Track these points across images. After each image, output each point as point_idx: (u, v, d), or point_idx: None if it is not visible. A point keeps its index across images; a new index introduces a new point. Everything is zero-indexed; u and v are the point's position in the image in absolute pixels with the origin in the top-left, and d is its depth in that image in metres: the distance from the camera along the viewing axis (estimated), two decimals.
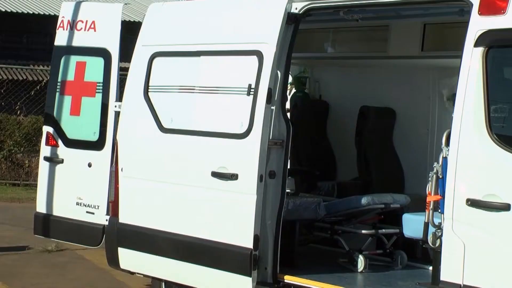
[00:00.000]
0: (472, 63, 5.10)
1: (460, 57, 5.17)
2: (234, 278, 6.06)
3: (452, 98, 5.43)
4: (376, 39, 7.87)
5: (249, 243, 5.94)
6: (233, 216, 6.10)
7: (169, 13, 6.95)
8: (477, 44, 5.09)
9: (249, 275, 5.95)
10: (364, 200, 6.77)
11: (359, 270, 6.54)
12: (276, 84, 6.04)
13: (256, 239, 5.94)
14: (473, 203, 4.97)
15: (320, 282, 5.97)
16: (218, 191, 6.18)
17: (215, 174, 6.18)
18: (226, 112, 6.32)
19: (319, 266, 6.59)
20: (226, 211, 6.15)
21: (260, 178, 5.94)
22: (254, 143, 5.99)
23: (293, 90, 8.47)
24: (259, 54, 6.09)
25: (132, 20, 18.68)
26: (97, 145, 7.24)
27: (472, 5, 5.18)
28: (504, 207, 4.84)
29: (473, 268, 4.95)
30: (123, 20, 7.43)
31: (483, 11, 5.11)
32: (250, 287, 5.96)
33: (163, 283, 6.96)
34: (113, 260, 6.95)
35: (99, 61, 7.33)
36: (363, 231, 6.88)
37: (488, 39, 5.06)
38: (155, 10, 7.03)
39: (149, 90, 6.81)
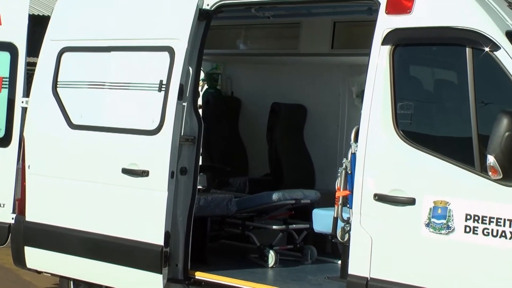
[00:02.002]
0: (379, 60, 5.20)
1: (369, 55, 5.26)
2: (144, 275, 6.02)
3: (361, 95, 5.53)
4: (287, 37, 7.95)
5: (160, 240, 5.91)
6: (144, 213, 6.05)
7: (79, 7, 6.84)
8: (384, 42, 5.19)
9: (160, 272, 5.92)
10: (275, 196, 6.83)
11: (270, 265, 6.60)
12: (188, 80, 6.03)
13: (167, 235, 5.92)
14: (380, 198, 5.07)
15: (231, 278, 5.99)
16: (129, 188, 6.12)
17: (125, 171, 6.12)
18: (137, 108, 6.26)
19: (230, 262, 6.62)
20: (136, 208, 6.10)
21: (171, 174, 5.92)
22: (165, 140, 5.96)
23: (205, 87, 8.47)
24: (170, 50, 6.06)
25: (40, 14, 18.26)
26: (3, 142, 7.03)
27: (379, 4, 5.28)
28: (410, 202, 4.96)
29: (379, 261, 5.06)
30: (31, 13, 7.25)
31: (390, 10, 5.22)
32: (160, 284, 5.93)
33: (71, 282, 6.84)
34: (19, 260, 6.79)
35: (5, 56, 7.12)
36: (274, 227, 6.95)
37: (395, 38, 5.18)
38: (64, 3, 6.90)
39: (57, 85, 6.68)
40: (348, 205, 5.45)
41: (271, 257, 6.61)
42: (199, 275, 6.05)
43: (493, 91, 4.98)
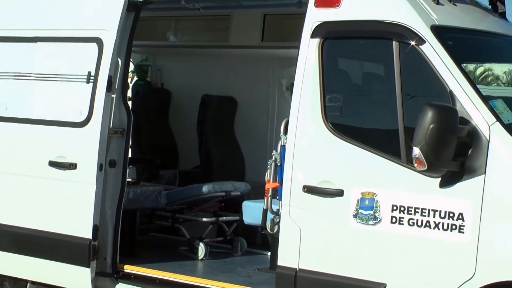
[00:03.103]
0: (309, 53, 5.23)
1: (298, 47, 5.29)
2: (72, 269, 5.94)
3: (291, 87, 5.56)
4: (218, 29, 7.94)
5: (88, 234, 5.85)
6: (72, 206, 5.97)
7: None
8: (313, 35, 5.23)
9: (88, 266, 5.86)
10: (205, 188, 6.83)
11: (200, 257, 6.60)
12: (117, 72, 5.97)
13: (96, 229, 5.86)
14: (309, 189, 5.11)
15: (161, 271, 5.97)
16: (56, 181, 6.04)
17: (52, 164, 6.03)
18: (65, 100, 6.18)
19: (160, 255, 6.59)
20: (64, 201, 6.02)
21: (100, 167, 5.87)
22: (93, 132, 5.89)
23: (135, 79, 8.40)
24: (99, 41, 6.00)
25: None
26: None
27: None
28: (338, 193, 5.02)
29: (308, 252, 5.10)
30: None
31: (319, 3, 5.25)
32: (88, 278, 5.87)
33: None
34: None
35: None
36: (204, 219, 6.95)
37: (324, 31, 5.21)
38: None
39: None
40: (277, 197, 5.48)
41: (201, 249, 6.61)
42: (128, 269, 6.00)
43: (419, 84, 5.08)
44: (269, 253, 6.28)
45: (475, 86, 4.76)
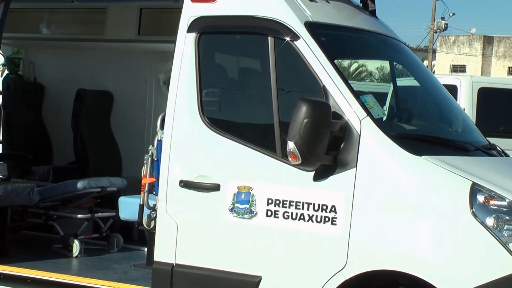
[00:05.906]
0: (185, 48, 5.22)
1: (174, 42, 5.26)
2: None
3: (168, 82, 5.53)
4: (93, 22, 7.80)
5: None
6: None
7: None
8: (190, 29, 5.22)
9: None
10: (80, 184, 6.71)
11: (74, 255, 6.49)
12: None
13: None
14: (186, 184, 5.10)
15: (33, 270, 5.81)
16: None
17: None
18: None
19: (32, 253, 6.42)
20: None
21: None
22: None
23: (6, 72, 8.13)
24: None
25: None
26: None
27: None
28: (215, 188, 5.03)
29: (185, 247, 5.09)
30: None
31: None
32: None
33: None
34: None
35: None
36: (79, 216, 6.83)
37: (200, 26, 5.21)
38: None
39: None
40: (154, 192, 5.44)
41: (76, 246, 6.49)
42: None
43: (294, 79, 5.16)
44: (146, 249, 6.22)
45: (347, 82, 4.88)
